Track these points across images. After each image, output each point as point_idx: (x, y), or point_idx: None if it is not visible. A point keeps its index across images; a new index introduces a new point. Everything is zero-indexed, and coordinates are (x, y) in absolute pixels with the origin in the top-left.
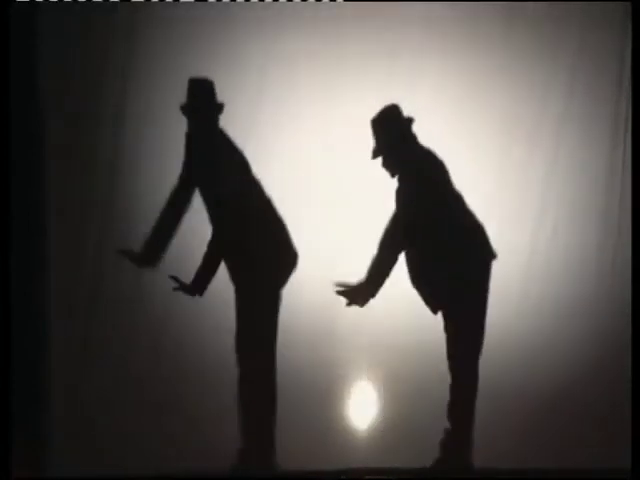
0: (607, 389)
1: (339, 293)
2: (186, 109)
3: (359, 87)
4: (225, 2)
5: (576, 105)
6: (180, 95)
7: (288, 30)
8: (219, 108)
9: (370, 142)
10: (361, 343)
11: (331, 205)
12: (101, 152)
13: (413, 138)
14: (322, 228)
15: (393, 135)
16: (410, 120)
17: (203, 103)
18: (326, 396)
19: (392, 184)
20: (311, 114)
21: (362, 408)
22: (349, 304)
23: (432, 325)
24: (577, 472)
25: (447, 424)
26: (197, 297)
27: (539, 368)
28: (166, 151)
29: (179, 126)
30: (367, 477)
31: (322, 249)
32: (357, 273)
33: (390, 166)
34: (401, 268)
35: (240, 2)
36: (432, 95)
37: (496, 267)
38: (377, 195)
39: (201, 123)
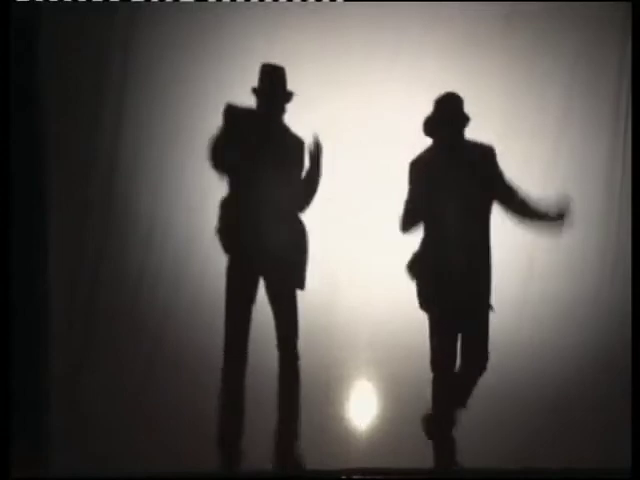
0: (607, 389)
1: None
2: (260, 93)
3: (359, 86)
4: (225, 2)
5: (576, 105)
6: (180, 94)
7: (288, 30)
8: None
9: (370, 142)
10: (361, 343)
11: (332, 204)
12: (101, 152)
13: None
14: (322, 228)
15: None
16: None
17: (278, 89)
18: (325, 396)
19: (392, 183)
20: (311, 114)
21: (361, 408)
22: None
23: None
24: (577, 472)
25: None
26: (197, 298)
27: (539, 369)
28: (166, 151)
29: (179, 126)
30: (367, 477)
31: (322, 249)
32: (357, 273)
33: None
34: (399, 268)
35: (240, 2)
36: (432, 95)
37: (496, 267)
38: (378, 194)
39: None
